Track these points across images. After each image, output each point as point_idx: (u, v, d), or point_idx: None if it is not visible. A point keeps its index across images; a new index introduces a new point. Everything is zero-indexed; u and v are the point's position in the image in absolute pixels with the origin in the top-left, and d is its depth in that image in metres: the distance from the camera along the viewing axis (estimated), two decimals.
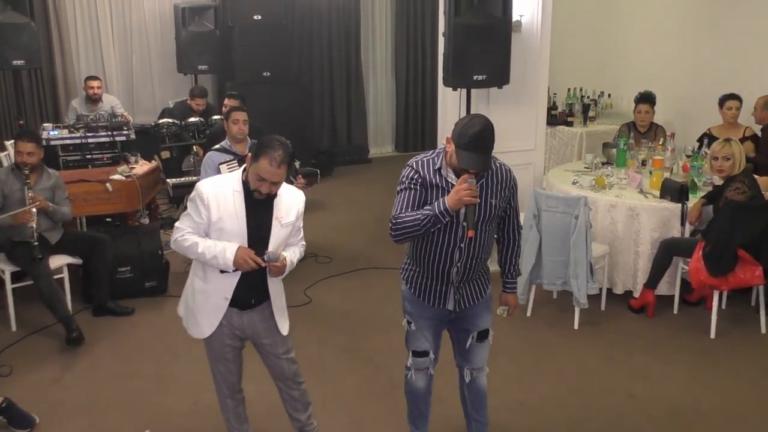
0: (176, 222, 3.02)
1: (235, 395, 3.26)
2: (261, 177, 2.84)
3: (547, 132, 7.05)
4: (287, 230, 3.02)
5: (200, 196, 2.90)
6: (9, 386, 4.08)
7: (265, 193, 2.87)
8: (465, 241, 2.88)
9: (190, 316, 3.08)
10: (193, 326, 3.08)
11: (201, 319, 3.03)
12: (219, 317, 3.00)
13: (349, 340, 4.68)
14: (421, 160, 2.90)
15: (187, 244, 2.90)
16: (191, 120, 7.04)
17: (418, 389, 3.24)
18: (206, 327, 3.02)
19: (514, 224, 3.12)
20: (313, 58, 9.74)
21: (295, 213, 3.04)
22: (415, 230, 2.78)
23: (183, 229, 2.94)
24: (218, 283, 2.97)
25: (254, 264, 2.86)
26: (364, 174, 9.46)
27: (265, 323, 3.11)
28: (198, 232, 2.92)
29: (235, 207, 2.90)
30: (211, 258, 2.86)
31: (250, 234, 2.92)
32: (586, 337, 4.73)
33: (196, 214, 2.91)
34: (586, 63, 8.58)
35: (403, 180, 2.88)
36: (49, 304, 4.65)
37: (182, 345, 4.55)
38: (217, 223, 2.89)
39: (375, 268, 5.96)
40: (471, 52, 4.97)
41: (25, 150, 4.73)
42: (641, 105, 6.23)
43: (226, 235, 2.89)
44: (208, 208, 2.88)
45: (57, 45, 8.09)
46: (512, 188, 2.99)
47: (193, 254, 2.91)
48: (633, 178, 5.32)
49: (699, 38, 7.03)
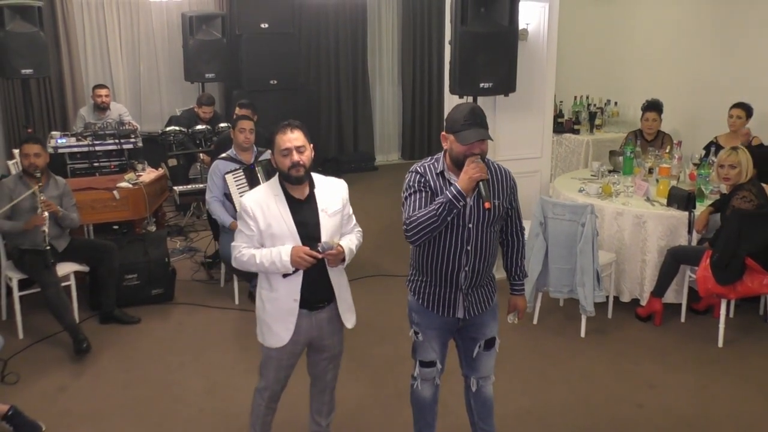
0: (232, 242, 3.07)
1: (272, 404, 3.26)
2: (284, 150, 2.92)
3: (554, 140, 7.06)
4: (336, 219, 3.06)
5: (245, 210, 2.96)
6: (16, 394, 4.09)
7: (298, 165, 2.91)
8: (471, 243, 2.89)
9: (265, 328, 3.08)
10: (269, 336, 3.07)
11: (276, 326, 3.04)
12: (293, 321, 3.02)
13: (355, 348, 4.66)
14: (423, 165, 2.93)
15: (246, 259, 2.96)
16: (198, 128, 7.07)
17: (424, 399, 3.23)
18: (283, 333, 3.03)
19: (516, 226, 3.14)
20: (320, 66, 9.78)
21: (340, 201, 3.09)
22: (432, 223, 2.77)
23: (239, 246, 2.99)
24: (284, 287, 3.00)
25: (310, 258, 2.89)
26: (371, 181, 9.46)
27: (331, 323, 3.14)
28: (253, 245, 2.97)
29: (279, 210, 2.95)
30: (270, 265, 2.91)
31: (300, 232, 2.96)
32: (593, 346, 4.71)
33: (246, 228, 2.97)
34: (592, 71, 8.58)
35: (410, 185, 2.90)
36: (56, 313, 4.66)
37: (189, 353, 4.56)
38: (267, 230, 2.94)
39: (382, 276, 5.96)
40: (478, 60, 4.98)
41: (32, 151, 4.76)
42: (648, 113, 6.22)
43: (278, 239, 2.94)
44: (255, 219, 2.94)
45: (65, 54, 8.13)
46: (512, 188, 3.02)
47: (254, 267, 2.96)
48: (640, 186, 5.31)
49: (706, 46, 7.02)
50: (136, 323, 5.07)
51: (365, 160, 10.17)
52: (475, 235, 2.90)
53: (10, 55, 6.46)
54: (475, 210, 2.88)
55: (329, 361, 3.25)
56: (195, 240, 6.87)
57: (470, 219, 2.87)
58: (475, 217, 2.88)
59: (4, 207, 4.71)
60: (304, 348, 3.18)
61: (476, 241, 2.90)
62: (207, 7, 8.80)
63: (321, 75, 9.80)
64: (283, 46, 8.52)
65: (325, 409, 3.38)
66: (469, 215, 2.87)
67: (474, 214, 2.88)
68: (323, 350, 3.20)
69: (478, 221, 2.89)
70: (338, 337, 3.21)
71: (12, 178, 4.96)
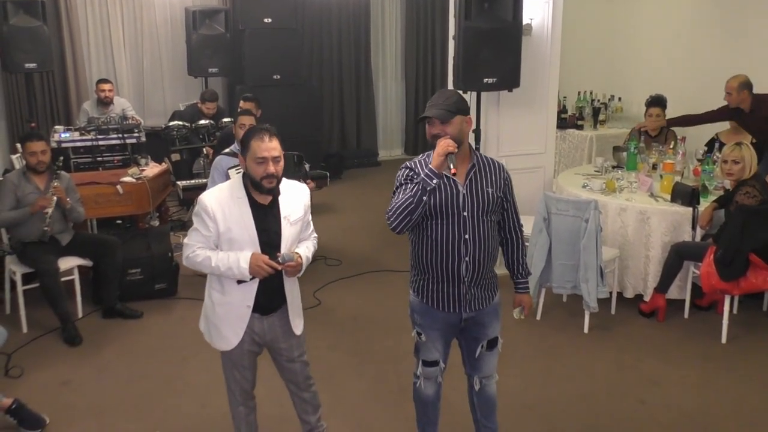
0: (184, 239, 2.98)
1: (248, 402, 3.24)
2: (259, 158, 2.79)
3: (557, 135, 7.03)
4: (297, 227, 3.00)
5: (204, 209, 2.86)
6: (20, 387, 4.10)
7: (272, 176, 2.81)
8: (469, 232, 2.89)
9: (213, 330, 3.03)
10: (217, 339, 3.03)
11: (225, 330, 2.99)
12: (243, 326, 2.97)
13: (357, 343, 4.67)
14: (414, 160, 2.96)
15: (200, 260, 2.86)
16: (201, 122, 7.06)
17: (427, 397, 3.23)
18: (232, 337, 2.98)
19: (513, 221, 3.12)
20: (323, 61, 9.76)
21: (302, 208, 3.02)
22: (408, 205, 2.77)
23: (193, 245, 2.89)
24: (238, 293, 2.93)
25: (270, 269, 2.83)
26: (374, 177, 9.46)
27: (284, 327, 3.08)
28: (208, 246, 2.88)
29: (242, 214, 2.86)
30: (226, 270, 2.83)
31: (261, 239, 2.88)
32: (596, 342, 4.71)
33: (204, 227, 2.87)
34: (596, 66, 8.55)
35: (399, 179, 2.93)
36: (51, 300, 4.70)
37: (191, 347, 4.56)
38: (226, 233, 2.85)
39: (384, 271, 5.96)
40: (481, 56, 4.97)
41: (39, 149, 4.77)
42: (652, 108, 6.19)
43: (237, 244, 2.86)
44: (215, 220, 2.85)
45: (69, 48, 8.13)
46: (506, 179, 3.02)
47: (207, 269, 2.88)
48: (644, 182, 5.29)
49: (709, 42, 6.99)
50: (139, 317, 5.07)
51: (368, 156, 10.16)
52: (472, 224, 2.89)
53: (14, 49, 6.45)
54: (469, 198, 2.89)
55: (291, 362, 3.17)
56: None
57: (465, 207, 2.88)
58: (470, 205, 2.89)
59: (7, 202, 4.72)
60: (261, 348, 3.13)
61: (474, 230, 2.90)
62: (210, 2, 8.79)
63: (324, 70, 9.78)
64: (286, 41, 8.51)
65: (309, 408, 3.33)
66: (463, 203, 2.88)
67: (468, 201, 2.89)
68: (281, 353, 3.14)
69: (473, 208, 2.89)
70: (294, 340, 3.13)
71: (16, 173, 4.96)
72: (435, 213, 2.88)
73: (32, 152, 4.78)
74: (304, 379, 3.24)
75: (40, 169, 4.78)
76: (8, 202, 4.74)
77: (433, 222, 2.91)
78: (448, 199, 2.87)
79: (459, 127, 2.85)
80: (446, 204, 2.87)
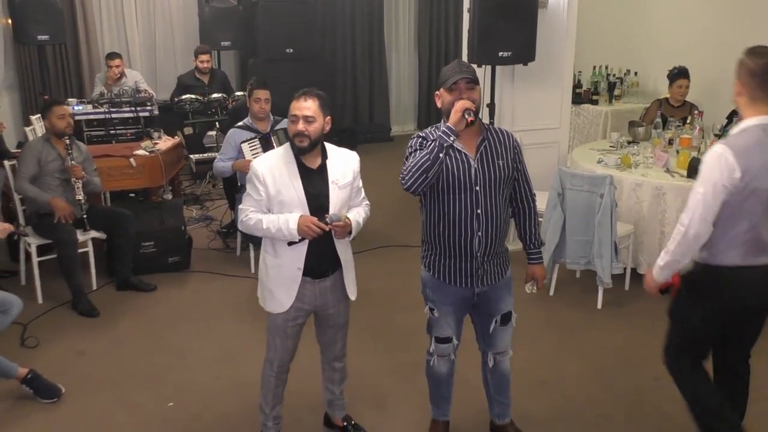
0: (239, 204, 3.06)
1: (281, 374, 3.25)
2: (292, 116, 2.89)
3: (572, 110, 6.96)
4: (346, 192, 3.05)
5: (255, 174, 2.94)
6: (36, 358, 4.14)
7: (302, 135, 2.87)
8: (481, 206, 2.88)
9: (267, 293, 3.09)
10: (270, 302, 3.08)
11: (278, 292, 3.04)
12: (296, 288, 3.02)
13: (370, 318, 4.68)
14: (426, 130, 2.96)
15: (252, 223, 2.95)
16: (214, 96, 7.04)
17: (440, 374, 3.23)
18: (285, 299, 3.03)
19: (526, 190, 3.09)
20: (336, 35, 9.70)
21: (351, 173, 3.07)
22: (426, 162, 2.75)
23: (246, 209, 2.98)
24: (288, 255, 2.99)
25: (317, 229, 2.88)
26: (386, 152, 9.40)
27: (335, 292, 3.14)
28: (261, 210, 2.96)
29: (290, 178, 2.93)
30: (276, 231, 2.90)
31: (310, 201, 2.94)
32: (610, 317, 4.70)
33: (255, 192, 2.95)
34: (612, 40, 8.42)
35: (411, 146, 2.91)
36: (66, 270, 4.74)
37: (204, 320, 4.59)
38: (277, 196, 2.93)
39: (397, 246, 5.95)
40: (496, 29, 4.91)
41: (67, 112, 4.82)
42: (681, 80, 6.13)
43: (287, 206, 2.93)
44: (265, 184, 2.92)
45: (81, 20, 8.10)
46: (516, 149, 3.00)
47: (259, 231, 2.96)
48: (659, 158, 5.24)
49: (726, 15, 6.86)
50: (153, 290, 5.10)
51: (381, 131, 10.12)
52: (484, 198, 2.88)
53: (26, 20, 6.44)
54: (481, 172, 2.87)
55: (336, 330, 3.24)
56: (211, 209, 6.88)
57: (476, 181, 2.86)
58: (482, 179, 2.87)
59: (30, 167, 4.74)
60: (308, 316, 3.17)
61: (486, 205, 2.88)
62: None
63: (337, 44, 9.72)
64: (299, 14, 8.43)
65: (337, 377, 3.39)
66: (475, 177, 2.86)
67: (480, 176, 2.87)
68: (328, 319, 3.20)
69: (485, 183, 2.88)
70: (343, 306, 3.20)
71: (38, 139, 5.00)
72: (447, 187, 2.87)
73: (61, 115, 4.81)
74: (341, 347, 3.31)
75: (69, 131, 4.81)
76: (31, 168, 4.76)
77: (445, 197, 2.89)
78: (460, 174, 2.86)
79: (479, 96, 2.87)
80: (458, 178, 2.85)
